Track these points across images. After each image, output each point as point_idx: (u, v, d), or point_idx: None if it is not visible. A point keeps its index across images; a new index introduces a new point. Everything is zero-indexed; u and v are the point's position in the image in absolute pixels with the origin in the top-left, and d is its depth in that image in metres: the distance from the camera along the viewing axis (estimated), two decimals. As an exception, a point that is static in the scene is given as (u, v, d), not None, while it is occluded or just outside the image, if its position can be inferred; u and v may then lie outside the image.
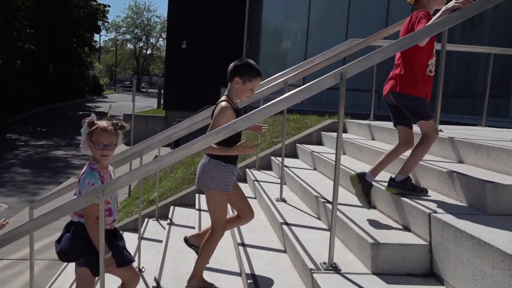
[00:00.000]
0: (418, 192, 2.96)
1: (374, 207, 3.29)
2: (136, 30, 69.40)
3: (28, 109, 28.88)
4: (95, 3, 40.05)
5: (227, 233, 4.06)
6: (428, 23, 2.74)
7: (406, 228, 2.80)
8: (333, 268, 2.57)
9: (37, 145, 19.43)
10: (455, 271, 2.28)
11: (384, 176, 3.60)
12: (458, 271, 2.25)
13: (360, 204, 3.09)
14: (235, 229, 3.74)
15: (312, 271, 2.52)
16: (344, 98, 2.48)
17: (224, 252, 3.60)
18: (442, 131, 4.05)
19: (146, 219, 5.72)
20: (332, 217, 2.54)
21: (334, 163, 4.19)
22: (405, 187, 2.98)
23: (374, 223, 2.89)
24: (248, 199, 4.78)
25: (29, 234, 2.98)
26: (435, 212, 2.55)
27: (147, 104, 38.12)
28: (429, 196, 2.97)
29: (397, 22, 4.80)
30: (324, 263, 2.61)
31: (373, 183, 3.17)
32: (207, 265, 3.28)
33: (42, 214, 2.44)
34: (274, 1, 16.02)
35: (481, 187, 2.62)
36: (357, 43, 4.66)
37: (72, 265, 5.38)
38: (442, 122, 4.24)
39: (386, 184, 3.11)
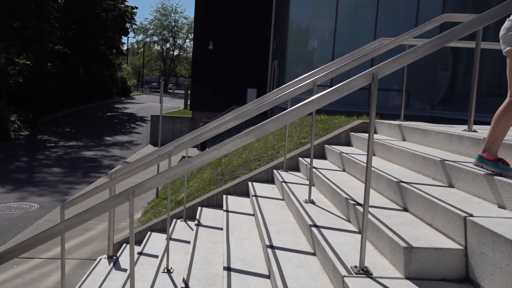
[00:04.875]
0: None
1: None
2: (163, 31, 70.18)
3: (59, 110, 29.51)
4: (123, 5, 40.66)
5: (255, 235, 4.05)
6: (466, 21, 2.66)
7: (440, 232, 2.72)
8: (365, 272, 2.51)
9: (67, 146, 19.82)
10: (493, 277, 2.20)
11: (417, 178, 3.53)
12: (496, 277, 2.17)
13: (391, 206, 3.01)
14: (264, 230, 3.72)
15: (343, 275, 2.48)
16: (375, 99, 2.43)
17: (253, 254, 3.57)
18: (476, 131, 3.95)
19: (174, 220, 5.75)
20: (363, 219, 2.48)
21: (363, 164, 4.14)
22: None
23: (407, 226, 2.82)
24: (276, 201, 4.79)
25: (61, 235, 3.02)
26: (471, 215, 2.47)
27: (174, 105, 38.50)
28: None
29: (429, 21, 4.72)
30: (355, 266, 2.56)
31: (406, 185, 3.08)
32: (236, 267, 3.27)
33: (73, 215, 2.47)
34: (301, 0, 15.95)
35: (519, 190, 2.52)
36: (388, 42, 4.57)
37: (101, 264, 5.46)
38: (476, 122, 4.13)
39: (418, 185, 3.03)
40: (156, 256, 4.87)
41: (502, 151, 3.18)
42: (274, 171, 5.74)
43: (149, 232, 5.92)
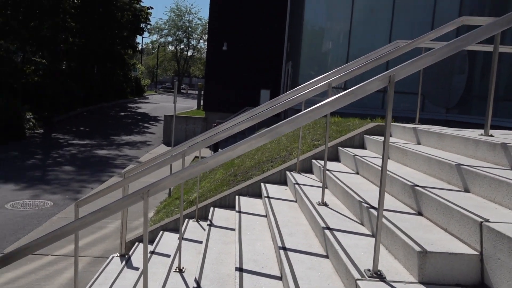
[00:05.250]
0: None
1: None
2: (177, 32, 70.49)
3: (73, 109, 29.81)
4: (138, 5, 40.92)
5: (267, 236, 4.05)
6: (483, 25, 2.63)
7: (455, 237, 2.69)
8: (378, 275, 2.50)
9: (81, 144, 20.00)
10: (509, 284, 2.17)
11: (432, 182, 3.50)
12: (512, 283, 2.15)
13: (406, 210, 2.99)
14: (276, 232, 3.72)
15: (356, 278, 2.46)
16: (392, 102, 2.41)
17: (265, 255, 3.57)
18: (493, 136, 3.91)
19: (186, 220, 5.77)
20: (377, 222, 2.47)
21: (378, 167, 4.11)
22: None
23: (421, 231, 2.80)
24: (289, 202, 4.78)
25: (75, 232, 3.04)
26: (487, 220, 2.44)
27: (187, 105, 38.66)
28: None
29: (446, 24, 4.68)
30: (369, 270, 2.54)
31: (421, 189, 3.06)
32: (248, 268, 3.27)
33: (88, 214, 2.49)
34: (316, 2, 15.92)
35: (537, 195, 2.49)
36: (404, 45, 4.54)
37: (113, 262, 5.49)
38: (493, 127, 4.08)
39: (433, 189, 3.00)
40: (168, 256, 4.88)
41: (502, 152, 3.15)
42: (287, 172, 5.73)
43: (161, 232, 5.95)
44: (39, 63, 25.72)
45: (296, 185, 4.90)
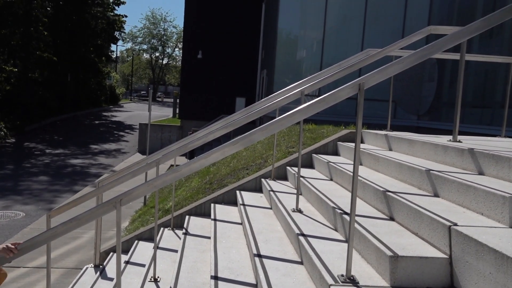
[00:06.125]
0: None
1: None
2: (152, 40, 70.15)
3: (46, 118, 29.31)
4: (112, 14, 40.60)
5: (243, 243, 4.06)
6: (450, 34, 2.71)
7: (426, 241, 2.75)
8: (351, 280, 2.53)
9: (54, 154, 19.65)
10: (477, 286, 2.23)
11: (403, 187, 3.57)
12: (480, 285, 2.20)
13: (378, 215, 3.04)
14: (251, 239, 3.73)
15: (330, 283, 2.49)
16: (362, 109, 2.46)
17: (240, 263, 3.58)
18: (461, 142, 4.01)
19: (162, 229, 5.73)
20: (350, 228, 2.51)
21: (351, 173, 4.17)
22: None
23: (393, 235, 2.85)
24: (264, 209, 4.80)
25: (47, 243, 3.00)
26: (456, 224, 2.50)
27: (162, 113, 38.41)
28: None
29: (415, 33, 4.79)
30: (342, 275, 2.57)
31: (392, 194, 3.12)
32: (223, 276, 3.27)
33: (59, 224, 2.46)
34: (290, 10, 16.07)
35: (502, 199, 2.56)
36: (375, 53, 4.63)
37: (87, 273, 5.41)
38: (461, 133, 4.19)
39: (404, 194, 3.06)
40: (143, 265, 4.84)
41: (486, 161, 3.24)
42: (262, 180, 5.75)
43: (136, 241, 5.89)
44: (11, 72, 25.22)
45: (271, 192, 4.92)
